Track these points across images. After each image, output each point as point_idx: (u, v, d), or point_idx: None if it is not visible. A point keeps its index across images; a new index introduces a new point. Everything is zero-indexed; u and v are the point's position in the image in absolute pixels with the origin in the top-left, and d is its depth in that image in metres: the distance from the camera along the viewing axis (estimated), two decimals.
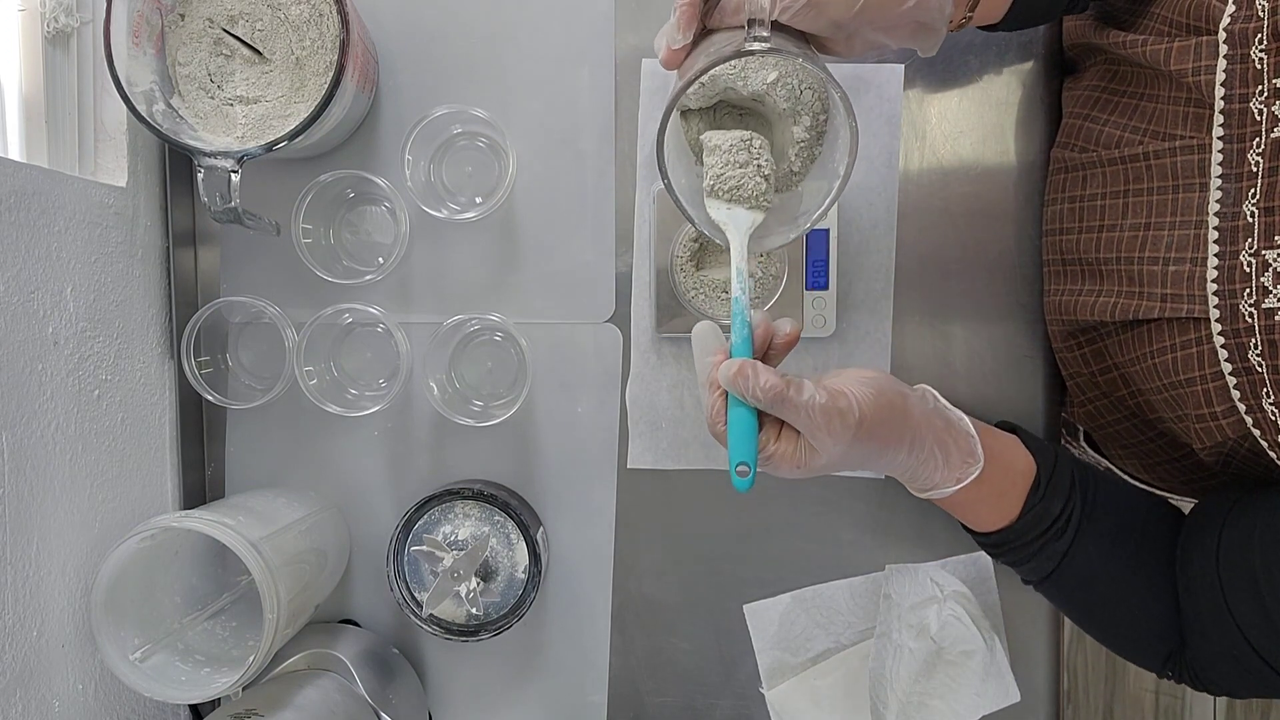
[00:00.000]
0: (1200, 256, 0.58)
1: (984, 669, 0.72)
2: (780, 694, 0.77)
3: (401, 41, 0.75)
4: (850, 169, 0.55)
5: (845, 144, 0.55)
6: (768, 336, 0.57)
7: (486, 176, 0.75)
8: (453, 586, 0.69)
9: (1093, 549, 0.63)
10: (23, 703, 0.58)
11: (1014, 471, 0.64)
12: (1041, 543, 0.63)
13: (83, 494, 0.64)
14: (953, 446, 0.61)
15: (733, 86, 0.58)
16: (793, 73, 0.58)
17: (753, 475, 0.55)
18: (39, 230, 0.60)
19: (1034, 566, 0.65)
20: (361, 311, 0.72)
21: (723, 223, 0.58)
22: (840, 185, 0.56)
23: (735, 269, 0.56)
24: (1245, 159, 0.55)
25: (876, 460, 0.59)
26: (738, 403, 0.55)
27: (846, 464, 0.57)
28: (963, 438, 0.62)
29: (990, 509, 0.64)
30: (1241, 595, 0.57)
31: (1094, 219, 0.67)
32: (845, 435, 0.54)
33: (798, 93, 0.58)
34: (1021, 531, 0.64)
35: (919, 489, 0.63)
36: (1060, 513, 0.63)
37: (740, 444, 0.55)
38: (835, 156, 0.57)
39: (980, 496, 0.63)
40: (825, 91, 0.58)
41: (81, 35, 0.69)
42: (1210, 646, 0.60)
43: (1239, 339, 0.55)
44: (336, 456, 0.77)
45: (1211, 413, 0.59)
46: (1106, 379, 0.71)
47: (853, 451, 0.55)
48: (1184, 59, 0.58)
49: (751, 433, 0.55)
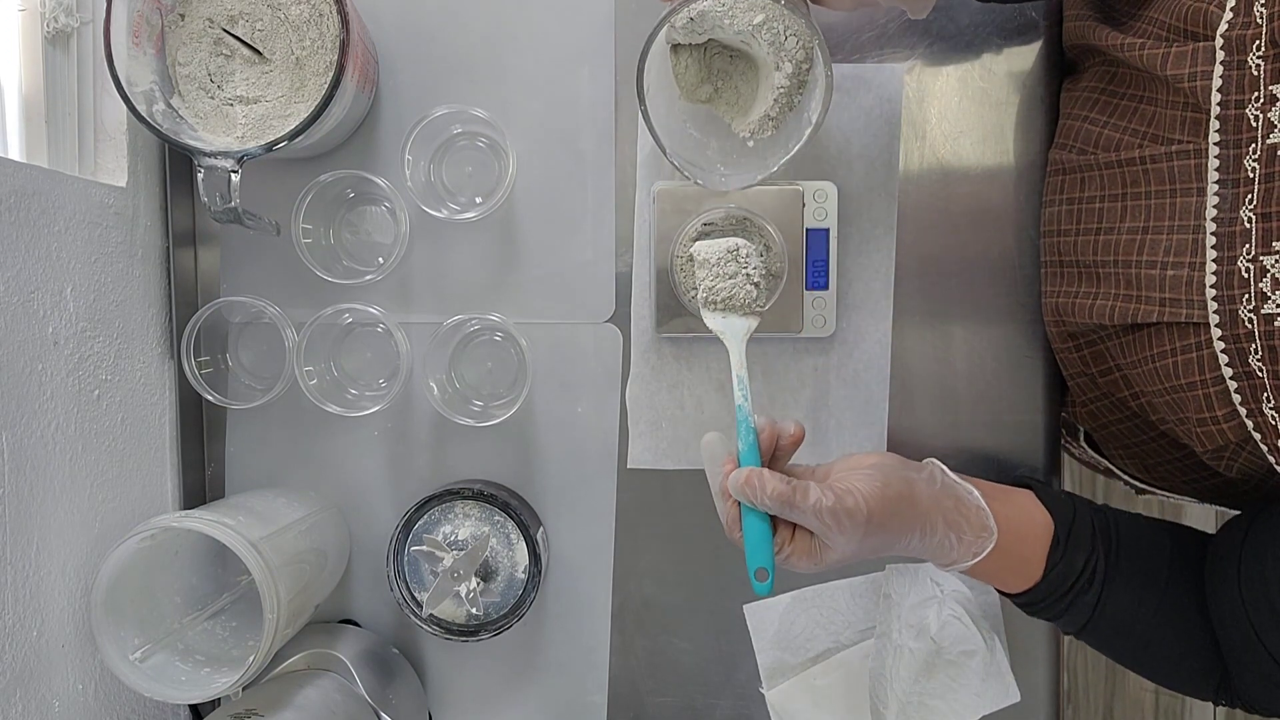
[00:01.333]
0: (1198, 261, 0.58)
1: (984, 669, 0.72)
2: (780, 694, 0.77)
3: (401, 41, 0.75)
4: (822, 116, 0.58)
5: (820, 93, 0.58)
6: (773, 438, 0.60)
7: (486, 176, 0.75)
8: (453, 586, 0.69)
9: (1123, 596, 0.63)
10: (23, 703, 0.58)
11: (1031, 536, 0.63)
12: (1070, 598, 0.63)
13: (83, 494, 0.64)
14: (964, 525, 0.61)
15: (720, 25, 0.60)
16: (778, 17, 0.59)
17: (771, 579, 0.57)
18: (39, 230, 0.60)
19: (1068, 620, 0.65)
20: (361, 311, 0.72)
21: (719, 331, 0.64)
22: (812, 130, 0.58)
23: (736, 377, 0.61)
24: (1242, 165, 0.55)
25: (890, 548, 0.59)
26: (751, 509, 0.58)
27: (861, 555, 0.58)
28: (974, 512, 0.61)
29: (1012, 574, 0.64)
30: (1267, 622, 0.57)
31: (1092, 221, 0.67)
32: (856, 533, 0.56)
33: (782, 38, 0.59)
34: (1048, 591, 0.63)
35: (939, 565, 0.63)
36: (1084, 567, 0.63)
37: (756, 550, 0.57)
38: (811, 105, 0.60)
39: (1000, 565, 0.63)
40: (809, 40, 0.59)
41: (81, 35, 0.69)
42: (1248, 674, 0.61)
43: (1239, 344, 0.55)
44: (336, 456, 0.77)
45: (1212, 416, 0.59)
46: (1106, 380, 0.71)
47: (865, 543, 0.57)
48: (1180, 64, 0.58)
49: (766, 538, 0.58)
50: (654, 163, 0.75)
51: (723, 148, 0.65)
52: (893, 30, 0.74)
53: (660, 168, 0.75)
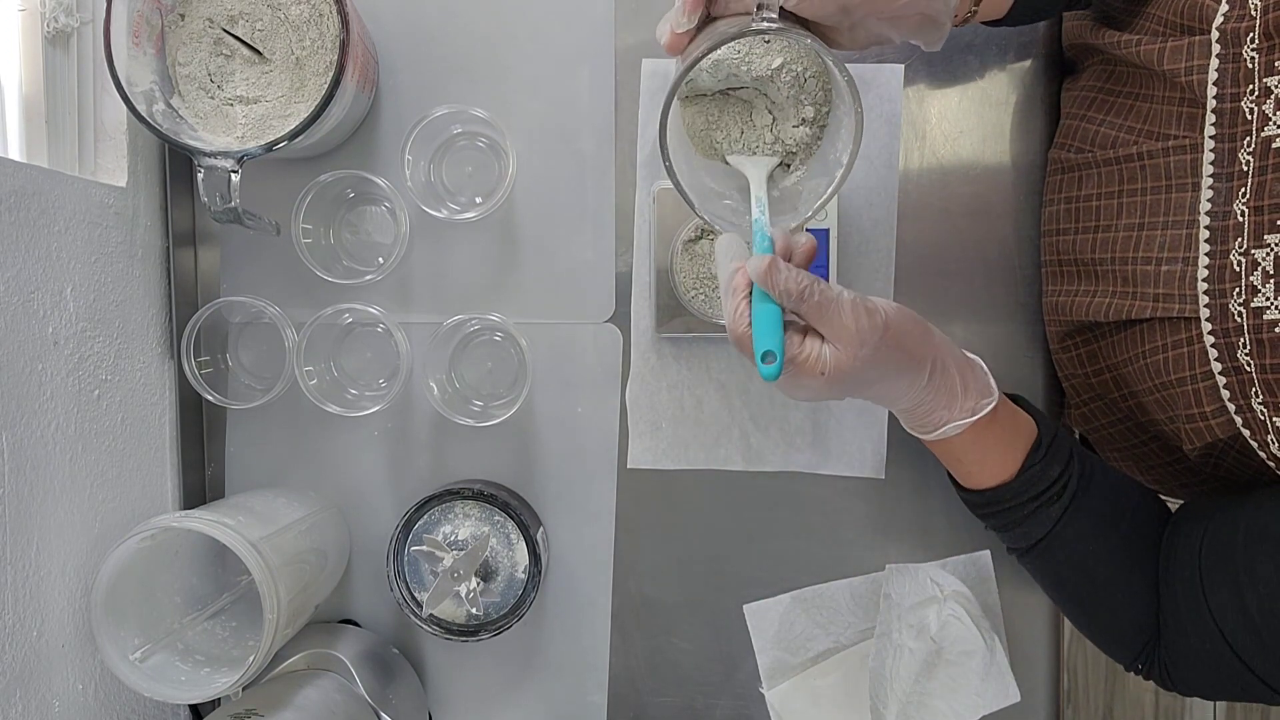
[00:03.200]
0: (1192, 256, 0.58)
1: (984, 669, 0.72)
2: (780, 694, 0.77)
3: (401, 41, 0.75)
4: (854, 155, 0.55)
5: (849, 130, 0.55)
6: (787, 250, 0.56)
7: (486, 176, 0.75)
8: (453, 586, 0.69)
9: (1084, 523, 0.63)
10: (23, 703, 0.58)
11: (1018, 428, 0.63)
12: (1035, 505, 0.63)
13: (83, 494, 0.64)
14: (970, 377, 0.61)
15: (735, 73, 0.58)
16: (798, 58, 0.58)
17: (779, 363, 0.53)
18: (39, 230, 0.60)
19: (1024, 531, 0.64)
20: (361, 311, 0.72)
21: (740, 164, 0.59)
22: (845, 172, 0.56)
23: (755, 198, 0.57)
24: (1236, 158, 0.55)
25: (898, 378, 0.58)
26: (762, 299, 0.54)
27: (869, 379, 0.56)
28: (980, 371, 0.62)
29: (993, 457, 0.63)
30: (1221, 593, 0.57)
31: (1090, 220, 0.67)
32: (872, 336, 0.54)
33: (802, 80, 0.58)
34: (1018, 490, 0.63)
35: (926, 424, 0.62)
36: (1058, 477, 0.62)
37: (766, 334, 0.54)
38: (838, 145, 0.57)
39: (986, 441, 0.62)
40: (829, 80, 0.58)
41: (81, 35, 0.69)
42: (1186, 643, 0.60)
43: (1228, 338, 0.55)
44: (336, 456, 0.77)
45: (1201, 413, 0.59)
46: (1100, 381, 0.71)
47: (877, 360, 0.55)
48: (1177, 58, 0.58)
49: (777, 324, 0.54)
50: (654, 163, 0.75)
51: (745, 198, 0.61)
52: None
53: (660, 168, 0.75)
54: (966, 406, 0.60)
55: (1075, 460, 0.64)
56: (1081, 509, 0.63)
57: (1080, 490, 0.63)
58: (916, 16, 0.58)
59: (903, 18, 0.57)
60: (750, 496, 0.77)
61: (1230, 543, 0.57)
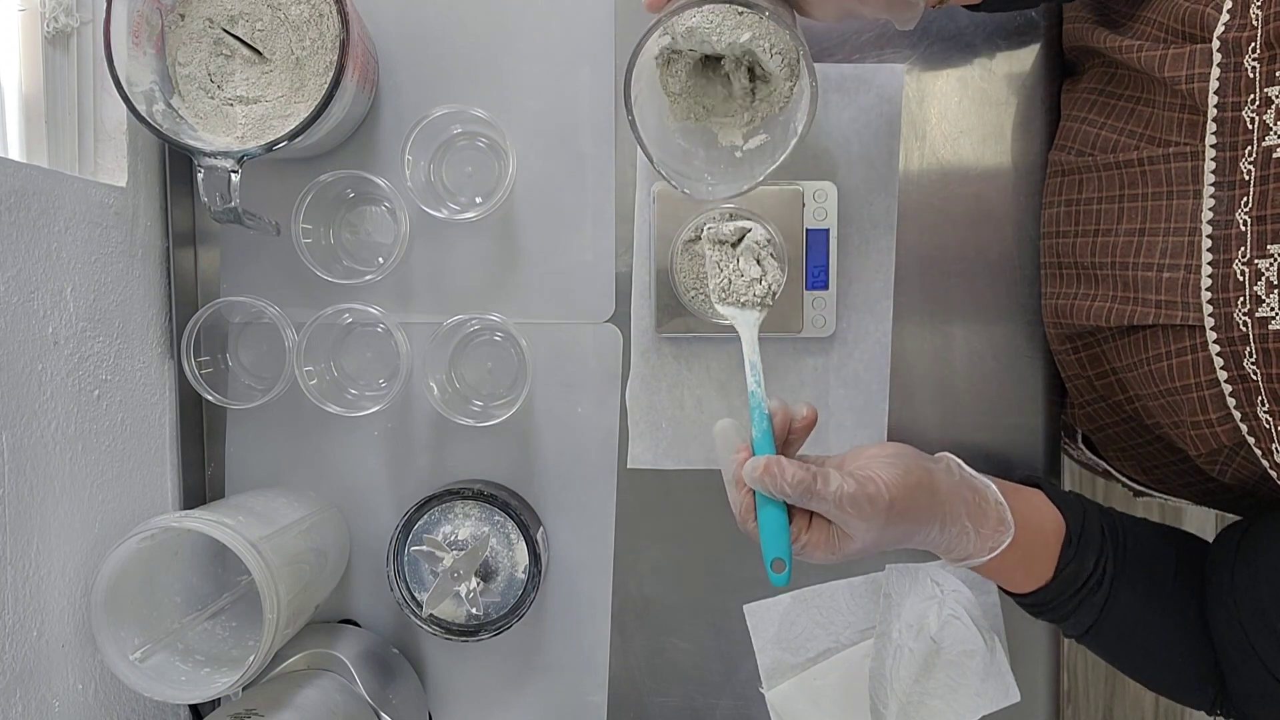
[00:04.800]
0: (1194, 264, 0.57)
1: (984, 669, 0.72)
2: (780, 694, 0.77)
3: (401, 41, 0.75)
4: (807, 128, 0.58)
5: (806, 104, 0.58)
6: (786, 422, 0.58)
7: (486, 176, 0.75)
8: (453, 586, 0.69)
9: (1128, 599, 0.63)
10: (23, 703, 0.58)
11: (1044, 532, 0.63)
12: (1079, 599, 0.63)
13: (83, 494, 0.64)
14: (982, 517, 0.60)
15: (708, 40, 0.60)
16: (764, 34, 0.59)
17: (789, 570, 0.56)
18: (39, 230, 0.60)
19: (1075, 622, 0.64)
20: (361, 311, 0.72)
21: (732, 318, 0.65)
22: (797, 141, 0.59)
23: (749, 363, 0.60)
24: (1238, 167, 0.55)
25: (909, 539, 0.58)
26: (766, 499, 0.56)
27: (880, 545, 0.57)
28: (992, 506, 0.61)
29: (1025, 572, 0.63)
30: (1261, 633, 0.57)
31: (1090, 223, 0.67)
32: (877, 520, 0.55)
33: (768, 55, 0.59)
34: (1058, 590, 0.63)
35: (951, 558, 0.62)
36: (1094, 567, 0.62)
37: (773, 540, 0.56)
38: (797, 116, 0.60)
39: (1014, 561, 0.62)
40: (795, 54, 0.59)
41: (81, 35, 0.69)
42: (1244, 685, 0.60)
43: (1234, 347, 0.55)
44: (336, 456, 0.77)
45: (1206, 420, 0.59)
46: (1103, 383, 0.71)
47: (886, 533, 0.56)
48: (1178, 66, 0.58)
49: (783, 528, 0.56)
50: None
51: (709, 157, 0.65)
52: (892, 30, 0.74)
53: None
54: (984, 546, 0.60)
55: (1108, 541, 0.63)
56: (1122, 587, 0.63)
57: (1119, 570, 0.63)
58: None
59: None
60: None
61: (1256, 583, 0.58)
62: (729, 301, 0.66)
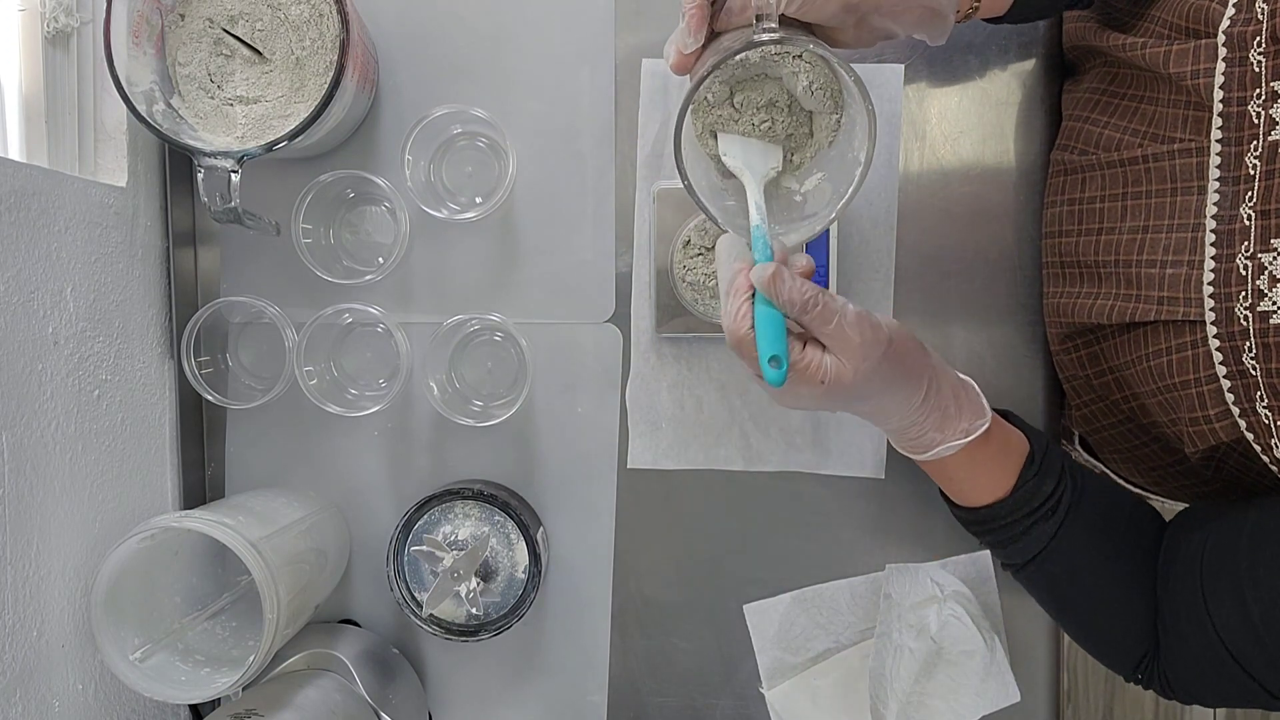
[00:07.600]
0: (1197, 259, 0.58)
1: (984, 669, 0.72)
2: (780, 694, 0.77)
3: (401, 41, 0.75)
4: (870, 153, 0.54)
5: (863, 130, 0.54)
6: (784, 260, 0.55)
7: (486, 176, 0.75)
8: (453, 586, 0.69)
9: (1079, 537, 0.63)
10: (23, 703, 0.58)
11: (1010, 445, 0.64)
12: (1031, 521, 0.63)
13: (83, 494, 0.64)
14: (964, 398, 0.61)
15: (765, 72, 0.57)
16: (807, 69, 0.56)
17: (785, 367, 0.53)
18: (39, 230, 0.60)
19: (1020, 548, 0.64)
20: (361, 311, 0.72)
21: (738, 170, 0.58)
22: (862, 173, 0.55)
23: (754, 204, 0.56)
24: (1243, 162, 0.55)
25: (894, 394, 0.58)
26: (765, 303, 0.54)
27: (867, 392, 0.56)
28: (973, 392, 0.62)
29: (985, 478, 0.64)
30: (1222, 598, 0.57)
31: (1093, 222, 0.67)
32: (876, 350, 0.54)
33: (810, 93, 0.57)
34: (1013, 507, 0.63)
35: (919, 445, 0.62)
36: (1052, 492, 0.63)
37: (770, 338, 0.53)
38: (854, 145, 0.56)
39: (979, 460, 0.63)
40: (837, 89, 0.58)
41: (81, 35, 0.69)
42: (1185, 650, 0.60)
43: (1234, 342, 0.55)
44: (336, 456, 0.77)
45: (1205, 416, 0.59)
46: (1102, 382, 0.71)
47: (877, 375, 0.55)
48: (1183, 62, 0.58)
49: (781, 328, 0.53)
50: (654, 163, 0.75)
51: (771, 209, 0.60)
52: None
53: (660, 168, 0.75)
54: (960, 428, 0.61)
55: (1068, 474, 0.64)
56: (1076, 522, 0.63)
57: (1074, 504, 0.63)
58: (920, 10, 0.57)
59: (906, 11, 0.57)
60: (750, 496, 0.77)
61: (1233, 549, 0.57)
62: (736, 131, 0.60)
